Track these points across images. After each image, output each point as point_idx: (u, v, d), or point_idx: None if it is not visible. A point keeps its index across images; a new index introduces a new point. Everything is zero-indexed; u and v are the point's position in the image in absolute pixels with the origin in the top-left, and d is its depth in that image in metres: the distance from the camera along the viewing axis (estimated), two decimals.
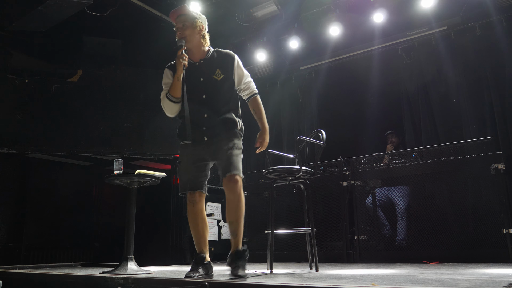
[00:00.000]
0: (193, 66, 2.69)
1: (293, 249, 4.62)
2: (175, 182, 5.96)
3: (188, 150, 2.65)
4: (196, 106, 2.63)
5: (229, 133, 2.63)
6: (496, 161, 3.80)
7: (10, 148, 5.18)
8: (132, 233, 3.42)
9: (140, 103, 5.77)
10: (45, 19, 5.07)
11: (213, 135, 2.61)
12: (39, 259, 6.06)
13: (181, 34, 2.61)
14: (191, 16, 2.65)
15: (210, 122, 2.61)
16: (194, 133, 2.60)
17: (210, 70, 2.66)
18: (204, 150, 2.63)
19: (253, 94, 2.79)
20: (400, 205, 4.48)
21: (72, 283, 2.99)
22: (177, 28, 2.65)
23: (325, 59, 6.03)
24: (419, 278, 2.36)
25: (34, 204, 6.23)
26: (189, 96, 2.62)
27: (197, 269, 2.54)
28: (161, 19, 5.79)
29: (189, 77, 2.64)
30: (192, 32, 2.63)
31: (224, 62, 2.70)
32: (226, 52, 2.74)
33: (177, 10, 2.67)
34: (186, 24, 2.63)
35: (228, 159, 2.55)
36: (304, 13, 5.85)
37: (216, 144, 2.61)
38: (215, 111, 2.62)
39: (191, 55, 2.69)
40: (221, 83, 2.66)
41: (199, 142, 2.62)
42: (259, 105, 2.79)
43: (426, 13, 5.12)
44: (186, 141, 2.64)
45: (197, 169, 2.63)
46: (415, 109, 5.29)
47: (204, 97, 2.63)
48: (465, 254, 3.78)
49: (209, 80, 2.65)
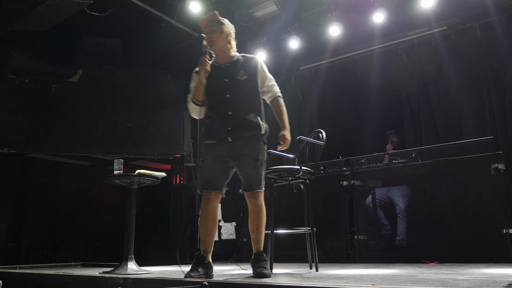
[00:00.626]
0: (218, 68, 2.80)
1: (293, 249, 4.62)
2: (175, 182, 5.96)
3: (212, 151, 2.72)
4: (221, 106, 2.72)
5: (253, 138, 2.70)
6: (496, 161, 3.80)
7: (10, 148, 5.18)
8: (132, 233, 3.42)
9: (140, 103, 5.77)
10: (45, 19, 5.06)
11: (237, 137, 2.67)
12: (39, 259, 6.06)
13: (209, 38, 2.74)
14: (219, 22, 2.78)
15: (234, 121, 2.68)
16: (219, 132, 2.69)
17: (234, 72, 2.77)
18: (227, 152, 2.69)
19: (276, 97, 2.87)
20: (400, 205, 4.48)
21: (72, 283, 2.99)
22: (206, 32, 2.77)
23: (325, 59, 6.03)
24: (419, 278, 2.36)
25: (34, 204, 6.22)
26: (215, 97, 2.74)
27: (197, 268, 2.60)
28: (161, 19, 5.79)
29: (215, 78, 2.75)
30: (219, 37, 2.75)
31: (248, 64, 2.80)
32: (251, 56, 2.88)
33: (207, 17, 2.80)
34: (213, 28, 2.75)
35: (252, 174, 2.65)
36: (304, 13, 5.85)
37: (239, 147, 2.67)
38: (239, 109, 2.70)
39: (217, 58, 2.82)
40: (244, 83, 2.75)
41: (223, 141, 2.68)
42: (281, 107, 2.85)
43: (426, 13, 5.12)
44: (210, 140, 2.73)
45: (218, 170, 2.70)
46: (415, 109, 5.29)
47: (228, 96, 2.72)
48: (465, 254, 3.78)
49: (233, 80, 2.75)
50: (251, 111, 2.74)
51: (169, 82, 5.99)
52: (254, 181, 2.66)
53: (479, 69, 4.90)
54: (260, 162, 2.69)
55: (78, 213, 6.72)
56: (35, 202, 6.25)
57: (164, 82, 5.97)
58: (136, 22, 5.96)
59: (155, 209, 6.51)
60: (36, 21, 5.07)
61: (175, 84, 6.02)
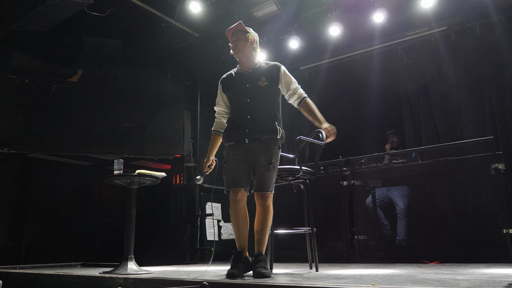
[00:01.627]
0: (241, 75, 2.93)
1: (293, 249, 4.62)
2: (175, 182, 5.97)
3: (233, 151, 2.83)
4: (241, 110, 2.84)
5: (269, 141, 2.79)
6: (496, 161, 3.80)
7: (10, 148, 5.18)
8: (132, 233, 3.42)
9: (140, 103, 5.77)
10: (45, 19, 5.07)
11: (254, 139, 2.77)
12: (39, 259, 6.06)
13: (235, 45, 2.89)
14: (244, 31, 2.91)
15: (252, 124, 2.79)
16: (237, 134, 2.82)
17: (256, 78, 2.87)
18: (245, 151, 2.80)
19: (303, 98, 2.89)
20: (400, 205, 4.48)
21: (72, 283, 2.99)
22: (232, 40, 2.92)
23: (325, 59, 6.03)
24: (419, 278, 2.36)
25: (34, 204, 6.23)
26: (236, 101, 2.88)
27: (237, 265, 2.71)
28: (161, 19, 5.79)
29: (237, 84, 2.89)
30: (244, 44, 2.89)
31: (270, 71, 2.89)
32: (273, 63, 2.95)
33: (233, 26, 2.92)
34: (239, 37, 2.89)
35: (264, 176, 2.74)
36: (304, 13, 5.84)
37: (256, 148, 2.77)
38: (257, 114, 2.80)
39: (241, 65, 2.96)
40: (264, 89, 2.84)
41: (241, 143, 2.80)
42: (311, 106, 2.88)
43: (426, 13, 5.12)
44: (229, 142, 2.86)
45: (241, 168, 2.80)
46: (415, 109, 5.29)
47: (248, 101, 2.83)
48: (465, 254, 3.78)
49: (254, 86, 2.85)
50: (269, 116, 2.83)
51: (169, 82, 5.99)
52: (265, 183, 2.74)
53: (479, 69, 4.90)
54: (273, 165, 2.77)
55: (78, 213, 6.72)
56: (35, 202, 6.25)
57: (164, 82, 5.97)
58: (136, 22, 5.96)
59: (155, 209, 6.51)
60: (36, 21, 5.08)
61: (175, 84, 6.02)
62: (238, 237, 2.84)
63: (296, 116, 6.22)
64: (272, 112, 2.85)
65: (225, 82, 2.96)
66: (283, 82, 2.89)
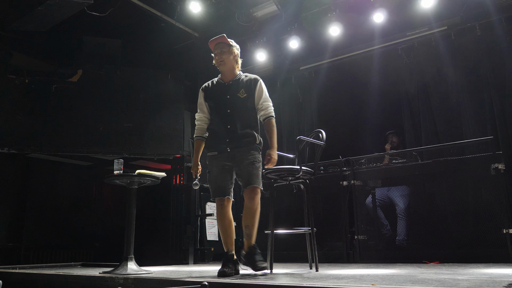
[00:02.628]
0: (223, 86, 3.07)
1: (293, 249, 4.62)
2: (175, 182, 5.97)
3: (216, 161, 2.97)
4: (221, 120, 2.99)
5: (249, 147, 2.94)
6: (496, 161, 3.80)
7: (10, 148, 5.18)
8: (132, 233, 3.42)
9: (140, 103, 5.77)
10: (45, 19, 5.07)
11: (235, 147, 2.93)
12: (39, 259, 6.06)
13: (220, 59, 3.02)
14: (228, 44, 3.04)
15: (233, 134, 2.94)
16: (219, 144, 2.96)
17: (236, 89, 3.02)
18: (228, 160, 2.95)
19: (269, 117, 3.03)
20: (400, 205, 4.48)
21: (72, 283, 2.99)
22: (216, 53, 3.05)
23: (325, 59, 6.02)
24: (419, 278, 2.36)
25: (34, 204, 6.23)
26: (216, 111, 3.03)
27: (228, 264, 2.82)
28: (161, 19, 5.80)
29: (218, 95, 3.05)
30: (228, 57, 3.03)
31: (249, 83, 3.04)
32: (253, 76, 3.10)
33: (216, 38, 3.05)
34: (224, 50, 3.02)
35: (250, 172, 2.89)
36: (304, 13, 5.84)
37: (238, 155, 2.93)
38: (237, 124, 2.95)
39: (223, 76, 3.10)
40: (244, 101, 3.00)
41: (223, 152, 2.95)
42: (272, 127, 3.03)
43: (426, 13, 5.12)
44: (212, 152, 3.00)
45: (224, 178, 2.95)
46: (415, 109, 5.28)
47: (229, 111, 2.98)
48: (465, 254, 3.78)
49: (234, 97, 3.01)
50: (248, 126, 2.98)
51: (169, 82, 5.99)
52: (252, 177, 2.88)
53: (479, 69, 4.90)
54: (257, 163, 2.93)
55: (78, 213, 6.72)
56: (35, 202, 6.25)
57: (164, 82, 5.97)
58: (136, 22, 5.96)
59: (155, 209, 6.51)
60: (36, 21, 5.08)
61: (175, 84, 6.02)
62: (226, 240, 2.95)
63: (296, 116, 6.23)
64: (250, 122, 3.00)
65: (207, 91, 3.09)
66: (256, 95, 3.02)
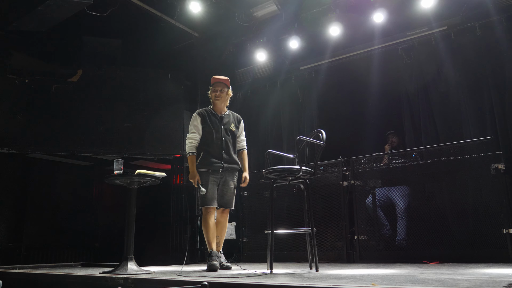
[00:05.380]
0: (217, 116, 3.81)
1: (293, 249, 4.62)
2: (175, 182, 5.97)
3: (208, 176, 3.63)
4: (217, 145, 3.71)
5: (235, 172, 3.78)
6: (496, 161, 3.80)
7: (10, 148, 5.18)
8: (132, 233, 3.42)
9: (140, 103, 5.77)
10: (45, 19, 5.07)
11: (225, 169, 3.69)
12: (39, 259, 6.06)
13: (219, 94, 3.79)
14: (228, 86, 3.85)
15: (226, 157, 3.70)
16: (215, 165, 3.65)
17: (228, 123, 3.83)
18: (217, 177, 3.68)
19: (243, 148, 3.93)
20: (400, 205, 4.48)
21: (72, 283, 2.99)
22: (216, 89, 3.81)
23: (325, 59, 6.02)
24: (419, 278, 2.36)
25: (34, 204, 6.23)
26: (212, 138, 3.70)
27: (216, 260, 3.49)
28: (161, 19, 5.80)
29: (214, 123, 3.76)
30: (225, 96, 3.84)
31: (236, 120, 3.91)
32: (237, 115, 3.98)
33: (221, 78, 3.84)
34: (224, 89, 3.82)
35: (231, 197, 3.74)
36: (304, 13, 5.84)
37: (226, 176, 3.71)
38: (229, 150, 3.75)
39: (216, 108, 3.84)
40: (234, 133, 3.84)
41: (217, 171, 3.66)
42: (245, 156, 3.93)
43: (426, 13, 5.12)
44: (206, 169, 3.64)
45: (215, 191, 3.66)
46: (415, 109, 5.28)
47: (223, 139, 3.74)
48: (465, 254, 3.78)
49: (227, 129, 3.80)
50: (234, 152, 3.81)
51: (169, 82, 5.99)
52: (231, 201, 3.74)
53: (479, 69, 4.90)
54: (235, 188, 3.79)
55: (78, 213, 6.72)
56: (35, 202, 6.25)
57: (164, 82, 5.97)
58: (136, 22, 5.96)
59: (155, 209, 6.51)
60: (36, 21, 5.08)
61: (175, 84, 6.02)
62: (211, 241, 3.62)
63: (296, 116, 6.23)
64: (235, 150, 3.84)
65: (203, 117, 3.75)
66: (240, 131, 3.92)
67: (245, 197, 5.33)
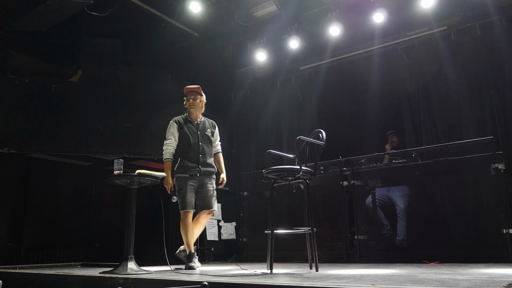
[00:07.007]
0: (193, 123, 3.95)
1: (293, 249, 4.62)
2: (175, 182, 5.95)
3: (186, 182, 3.76)
4: (194, 150, 3.85)
5: (212, 175, 3.93)
6: (496, 161, 3.80)
7: (10, 148, 5.18)
8: (132, 233, 3.42)
9: (140, 103, 5.77)
10: (45, 19, 5.07)
11: (202, 173, 3.83)
12: (39, 259, 6.05)
13: (193, 102, 3.94)
14: (200, 93, 3.99)
15: (203, 162, 3.84)
16: (191, 169, 3.78)
17: (203, 128, 3.98)
18: (195, 182, 3.81)
19: (219, 152, 4.10)
20: (400, 205, 4.48)
21: (72, 283, 2.99)
22: (190, 97, 3.96)
23: (325, 59, 6.02)
24: (419, 278, 2.36)
25: (34, 204, 6.22)
26: (189, 142, 3.83)
27: (194, 261, 3.75)
28: (161, 19, 5.80)
29: (191, 129, 3.91)
30: (199, 103, 3.99)
31: (211, 126, 4.07)
32: (211, 120, 4.14)
33: (193, 87, 3.98)
34: (197, 97, 3.97)
35: (212, 199, 3.87)
36: (304, 13, 5.85)
37: (203, 180, 3.84)
38: (205, 155, 3.89)
39: (191, 115, 3.98)
40: (209, 138, 3.99)
41: (194, 175, 3.80)
42: (221, 158, 4.10)
43: (426, 13, 5.12)
44: (184, 174, 3.77)
45: (193, 196, 3.81)
46: (415, 109, 5.28)
47: (200, 144, 3.89)
48: (465, 254, 3.78)
49: (204, 134, 3.95)
50: (211, 156, 3.96)
51: (169, 82, 5.99)
52: (213, 202, 3.87)
53: (479, 69, 4.90)
54: (214, 190, 3.91)
55: (78, 213, 6.71)
56: (35, 202, 6.24)
57: (164, 82, 5.97)
58: (136, 22, 5.96)
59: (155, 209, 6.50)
60: (36, 21, 5.08)
61: (175, 84, 6.01)
62: (189, 242, 3.76)
63: (296, 116, 6.23)
64: (212, 154, 3.98)
65: (180, 124, 3.89)
66: (215, 136, 4.08)
67: (245, 197, 5.32)
